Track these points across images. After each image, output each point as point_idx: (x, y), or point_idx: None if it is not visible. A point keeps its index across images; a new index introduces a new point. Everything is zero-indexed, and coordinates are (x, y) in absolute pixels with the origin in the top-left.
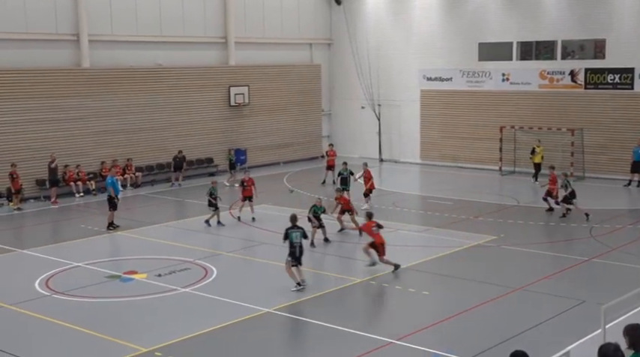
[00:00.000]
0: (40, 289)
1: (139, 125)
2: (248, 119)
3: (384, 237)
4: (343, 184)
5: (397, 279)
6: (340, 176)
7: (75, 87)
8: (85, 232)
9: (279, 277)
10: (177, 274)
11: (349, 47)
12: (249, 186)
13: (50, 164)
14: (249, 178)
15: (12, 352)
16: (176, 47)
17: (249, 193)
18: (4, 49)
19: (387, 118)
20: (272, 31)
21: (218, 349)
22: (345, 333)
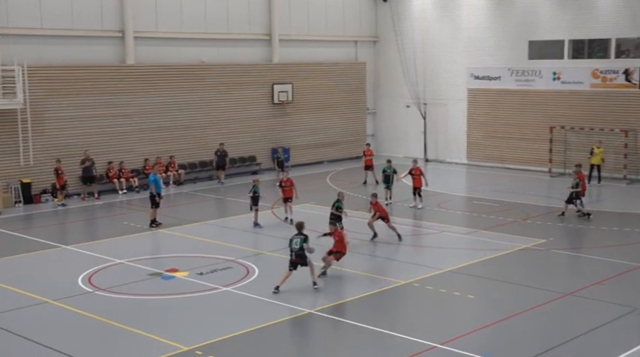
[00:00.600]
0: (83, 286)
1: (182, 122)
2: (291, 117)
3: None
4: (386, 182)
5: (442, 282)
6: (384, 173)
7: (119, 84)
8: (127, 229)
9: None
10: (219, 272)
11: (395, 44)
12: (287, 187)
13: (84, 161)
14: (287, 179)
15: (54, 348)
16: (220, 44)
17: (288, 195)
18: (49, 46)
19: (433, 117)
20: (316, 28)
21: (259, 349)
22: (387, 336)
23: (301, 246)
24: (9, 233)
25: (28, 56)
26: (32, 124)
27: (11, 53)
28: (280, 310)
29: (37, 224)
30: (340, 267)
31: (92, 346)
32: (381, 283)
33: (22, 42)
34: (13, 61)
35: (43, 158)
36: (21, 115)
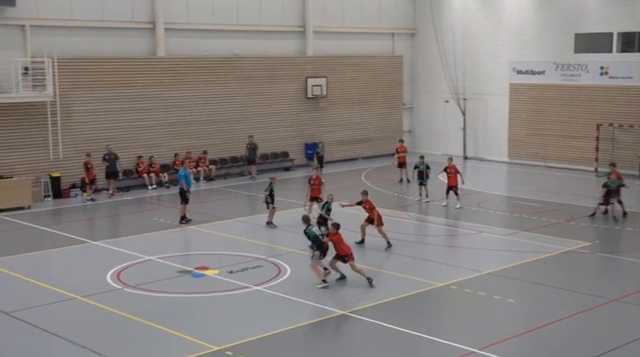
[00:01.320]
0: (112, 282)
1: (213, 117)
2: (325, 112)
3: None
4: (420, 178)
5: (481, 285)
6: (417, 169)
7: (149, 76)
8: (157, 225)
9: (355, 278)
10: (250, 271)
11: (433, 37)
12: (316, 185)
13: (105, 156)
14: (316, 177)
15: (82, 345)
16: (253, 36)
17: (316, 194)
18: (80, 37)
19: (473, 112)
20: (352, 20)
21: (290, 350)
22: (423, 339)
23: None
24: (38, 228)
25: (58, 48)
26: (62, 117)
27: (41, 45)
28: (312, 311)
29: (65, 219)
30: (377, 267)
31: (121, 344)
32: (417, 285)
33: (52, 34)
34: (43, 53)
35: (73, 152)
36: (50, 107)
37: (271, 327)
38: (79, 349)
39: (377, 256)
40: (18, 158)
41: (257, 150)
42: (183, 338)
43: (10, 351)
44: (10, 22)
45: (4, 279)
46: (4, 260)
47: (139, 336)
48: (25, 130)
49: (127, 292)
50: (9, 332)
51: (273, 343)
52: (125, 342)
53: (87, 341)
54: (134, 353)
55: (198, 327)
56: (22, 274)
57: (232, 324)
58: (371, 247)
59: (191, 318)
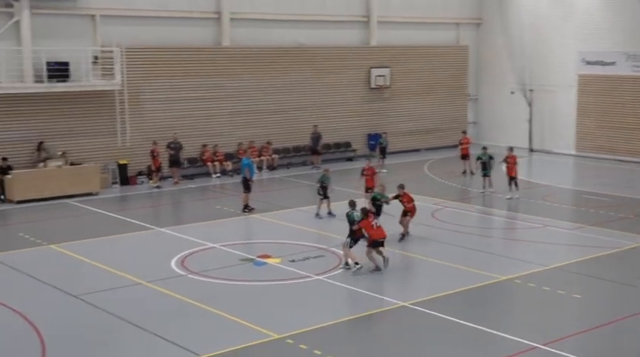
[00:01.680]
0: (176, 269)
1: (277, 106)
2: (388, 103)
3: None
4: (483, 169)
5: (545, 279)
6: (480, 160)
7: (215, 66)
8: (220, 213)
9: (417, 269)
10: (311, 260)
11: (500, 27)
12: (369, 176)
13: (170, 144)
14: (369, 167)
15: (147, 329)
16: (317, 26)
17: (370, 184)
18: (147, 27)
19: (540, 104)
20: (417, 10)
21: (350, 340)
22: (484, 333)
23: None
24: (105, 213)
25: (126, 38)
26: (129, 106)
27: (110, 35)
28: (373, 302)
29: (132, 205)
30: (439, 259)
31: (183, 329)
32: (480, 278)
33: (120, 23)
34: (112, 43)
35: (140, 140)
36: (119, 96)
37: (332, 316)
38: (143, 333)
39: (439, 248)
40: (87, 145)
41: (321, 140)
42: (244, 325)
43: (77, 333)
44: (81, 12)
45: (73, 263)
46: (73, 245)
47: (202, 322)
48: (94, 118)
49: (191, 279)
50: (77, 315)
51: (333, 332)
52: (188, 327)
53: (151, 325)
54: (196, 339)
55: (260, 315)
56: (90, 259)
57: (293, 312)
58: (433, 239)
59: (253, 306)
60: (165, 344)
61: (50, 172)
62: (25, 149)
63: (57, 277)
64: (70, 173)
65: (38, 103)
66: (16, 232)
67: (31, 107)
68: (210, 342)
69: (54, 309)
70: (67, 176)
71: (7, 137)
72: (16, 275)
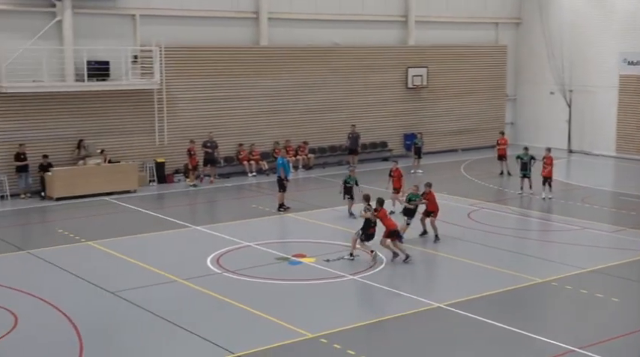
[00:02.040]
0: (212, 267)
1: (313, 106)
2: (425, 103)
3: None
4: (523, 169)
5: (583, 282)
6: (520, 160)
7: (252, 65)
8: (255, 212)
9: (452, 270)
10: (346, 260)
11: (540, 27)
12: (396, 177)
13: (206, 143)
14: (396, 169)
15: (182, 326)
16: (354, 26)
17: (397, 185)
18: (186, 26)
19: (579, 105)
20: (455, 9)
21: (384, 341)
22: (520, 335)
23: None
24: (142, 211)
25: (165, 37)
26: (167, 105)
27: (149, 34)
28: (407, 302)
29: (169, 203)
30: (474, 260)
31: (218, 327)
32: (516, 280)
33: (159, 23)
34: (151, 42)
35: (177, 138)
36: (157, 95)
37: (366, 316)
38: (178, 330)
39: (474, 249)
40: (126, 144)
41: (359, 139)
42: (278, 324)
43: (113, 329)
44: (121, 11)
45: (110, 260)
46: (111, 242)
47: (236, 320)
48: (132, 116)
49: (226, 277)
50: (113, 311)
51: (367, 332)
52: (222, 325)
53: (186, 323)
54: (231, 336)
55: (294, 313)
56: (127, 256)
57: (327, 312)
58: (468, 240)
59: (287, 304)
60: (200, 341)
61: (89, 169)
62: (65, 147)
63: (94, 274)
64: (109, 171)
65: (78, 102)
66: (55, 228)
67: (71, 106)
68: (244, 340)
69: (91, 305)
70: (105, 174)
71: (48, 135)
72: (55, 271)
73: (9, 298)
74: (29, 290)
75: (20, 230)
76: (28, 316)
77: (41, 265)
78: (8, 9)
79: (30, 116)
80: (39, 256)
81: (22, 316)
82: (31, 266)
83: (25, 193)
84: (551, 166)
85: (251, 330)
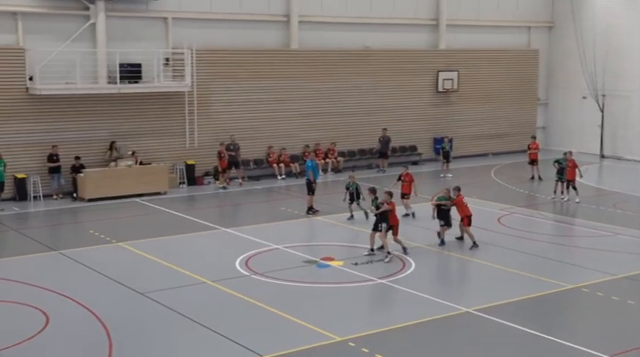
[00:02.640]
0: (241, 269)
1: (343, 109)
2: (456, 107)
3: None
4: (559, 173)
5: (615, 288)
6: (558, 165)
7: (283, 68)
8: (284, 214)
9: (481, 275)
10: (374, 264)
11: (572, 31)
12: (407, 182)
13: (230, 146)
14: (406, 174)
15: (211, 328)
16: (385, 29)
17: (406, 190)
18: (217, 29)
19: (612, 110)
20: (487, 13)
21: (412, 345)
22: (549, 342)
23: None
24: (173, 213)
25: (196, 40)
26: (198, 107)
27: (181, 37)
28: (436, 307)
29: (198, 205)
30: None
31: (247, 329)
32: (545, 286)
33: (191, 26)
34: (183, 45)
35: (207, 141)
36: (188, 97)
37: (394, 320)
38: (207, 331)
39: (503, 254)
40: (157, 145)
41: (390, 143)
42: (307, 327)
43: (142, 329)
44: (153, 14)
45: (140, 261)
46: (141, 243)
47: (264, 322)
48: (164, 118)
49: (255, 279)
50: (143, 312)
51: (396, 336)
52: (250, 327)
53: (214, 324)
54: (259, 339)
55: (322, 317)
56: (156, 257)
57: (356, 316)
58: (498, 245)
59: (315, 308)
60: (228, 343)
61: (120, 171)
62: (97, 148)
63: (124, 275)
64: (140, 173)
65: (110, 104)
66: (86, 229)
67: (103, 108)
68: (272, 342)
69: (121, 305)
70: (136, 176)
71: (80, 137)
72: (86, 271)
73: (41, 297)
74: (60, 290)
75: (52, 231)
76: (59, 316)
77: (72, 266)
78: (43, 12)
79: (63, 118)
80: (70, 257)
81: (53, 315)
82: (63, 266)
83: (57, 194)
84: (574, 168)
85: (279, 332)
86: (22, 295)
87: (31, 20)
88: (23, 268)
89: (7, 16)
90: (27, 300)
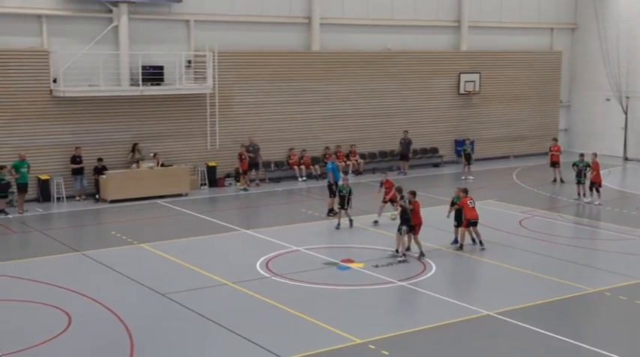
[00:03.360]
0: (261, 270)
1: (364, 111)
2: (478, 109)
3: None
4: (578, 176)
5: (637, 293)
6: (576, 167)
7: (304, 70)
8: (305, 216)
9: (503, 278)
10: (395, 266)
11: (596, 32)
12: (389, 189)
13: (249, 148)
14: (386, 180)
15: (231, 329)
16: (406, 31)
17: (392, 197)
18: (238, 31)
19: (636, 112)
20: (509, 14)
21: (432, 348)
22: (570, 346)
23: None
24: (194, 214)
25: (218, 42)
26: (219, 109)
27: (203, 39)
28: (457, 310)
29: (219, 207)
30: (525, 269)
31: (267, 331)
32: (568, 289)
33: (213, 28)
34: (205, 47)
35: (228, 143)
36: (209, 99)
37: (415, 323)
38: (228, 333)
39: (525, 257)
40: (178, 147)
41: (411, 145)
42: (327, 329)
43: (164, 330)
44: (176, 17)
45: (161, 262)
46: (163, 244)
47: (285, 324)
48: (185, 120)
49: (275, 281)
50: (164, 313)
51: (416, 339)
52: (271, 329)
53: (235, 326)
54: (279, 341)
55: (342, 319)
56: (178, 258)
57: (376, 318)
58: (520, 248)
59: (335, 310)
60: (249, 345)
61: (142, 172)
62: (119, 150)
63: (146, 276)
64: (161, 174)
65: (133, 106)
66: (108, 230)
67: (126, 110)
68: (292, 344)
69: (142, 306)
70: (158, 177)
71: (103, 138)
72: (108, 272)
73: (63, 298)
74: (82, 291)
75: (75, 232)
76: (81, 316)
77: (94, 266)
78: (67, 14)
79: (86, 120)
80: (92, 258)
81: (75, 315)
82: (85, 267)
83: (79, 195)
84: (598, 171)
85: (299, 334)
86: (45, 296)
87: (55, 23)
88: (46, 268)
89: (32, 18)
90: (50, 300)
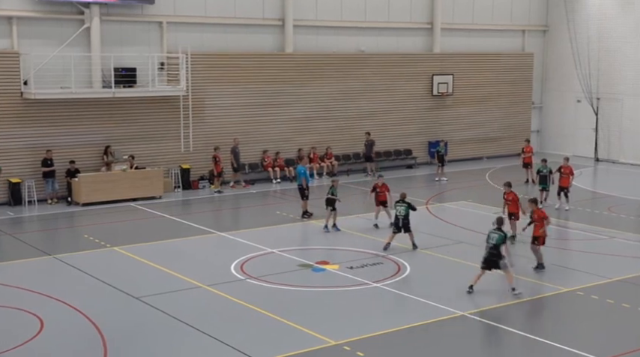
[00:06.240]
0: (236, 273)
1: (338, 113)
2: (450, 110)
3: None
4: (542, 182)
5: (609, 292)
6: (539, 174)
7: (278, 72)
8: (279, 218)
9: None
10: (369, 267)
11: (567, 34)
12: (382, 192)
13: (234, 149)
14: (382, 184)
15: (206, 332)
16: (380, 33)
17: (383, 198)
18: (212, 33)
19: (607, 113)
20: (482, 17)
21: (407, 349)
22: (544, 345)
23: (497, 243)
24: (168, 217)
25: (191, 44)
26: (193, 111)
27: (176, 41)
28: (431, 311)
29: (194, 210)
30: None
31: (242, 334)
32: (541, 289)
33: (186, 30)
34: (178, 49)
35: (202, 145)
36: (183, 102)
37: (389, 324)
38: (202, 336)
39: None
40: (151, 150)
41: (374, 147)
42: (302, 331)
43: (137, 334)
44: (148, 19)
45: (135, 265)
46: (136, 247)
47: (259, 326)
48: (158, 123)
49: (250, 283)
50: (138, 316)
51: (391, 340)
52: (246, 331)
53: (209, 329)
54: (254, 343)
55: (317, 321)
56: (152, 261)
57: (351, 319)
58: None
59: (310, 311)
60: (223, 347)
61: (115, 175)
62: (92, 153)
63: (119, 279)
64: (135, 177)
65: (105, 108)
66: (81, 233)
67: (98, 112)
68: (267, 346)
69: (115, 310)
70: (131, 180)
71: (75, 141)
72: (81, 276)
73: (35, 302)
74: (55, 295)
75: (47, 235)
76: (53, 321)
77: (67, 270)
78: (38, 16)
79: (57, 122)
80: (65, 261)
81: (47, 320)
82: (57, 271)
83: (51, 198)
84: (570, 175)
85: (274, 336)
86: (17, 300)
87: (26, 25)
88: (18, 272)
89: (2, 20)
90: (21, 305)
